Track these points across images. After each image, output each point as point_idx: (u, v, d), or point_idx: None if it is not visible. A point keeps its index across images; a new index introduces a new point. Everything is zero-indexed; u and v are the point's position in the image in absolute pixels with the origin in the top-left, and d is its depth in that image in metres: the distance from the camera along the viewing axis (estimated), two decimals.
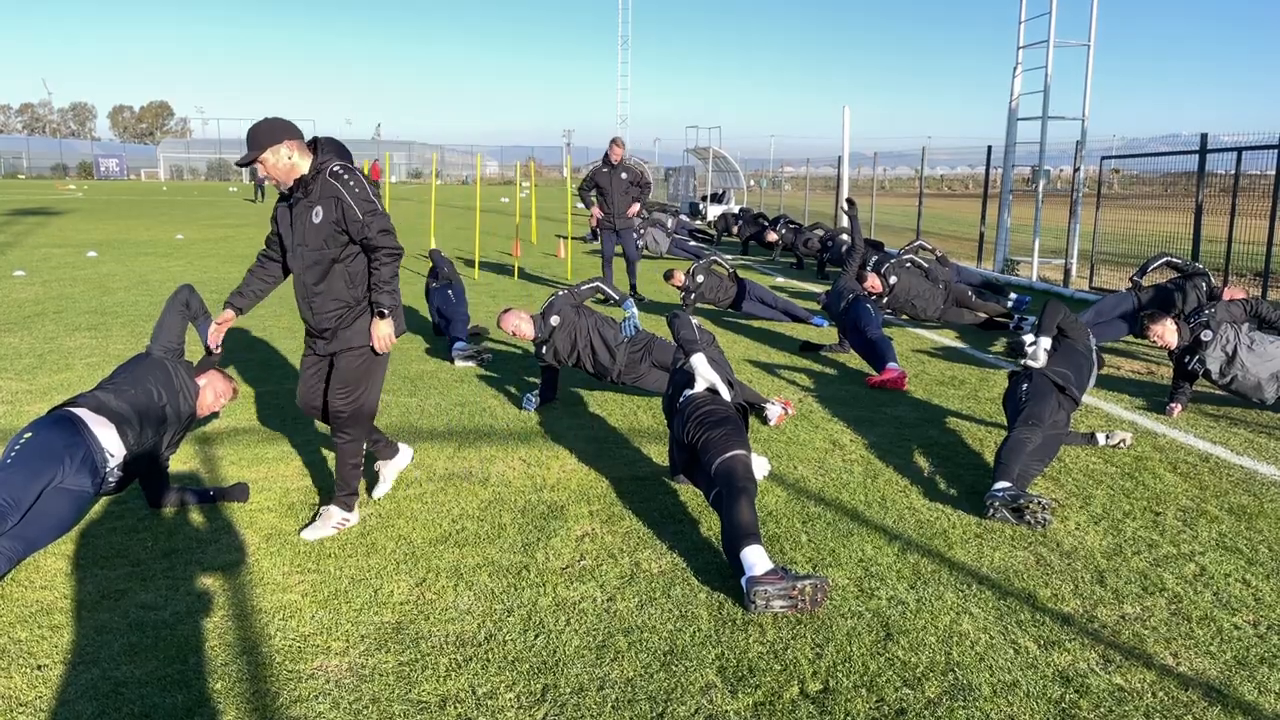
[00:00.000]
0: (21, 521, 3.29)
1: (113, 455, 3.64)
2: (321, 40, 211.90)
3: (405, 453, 4.49)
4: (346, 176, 3.68)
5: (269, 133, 3.66)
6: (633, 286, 11.27)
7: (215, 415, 5.22)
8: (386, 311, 3.78)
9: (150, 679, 2.88)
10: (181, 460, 4.88)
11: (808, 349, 8.17)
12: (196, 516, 4.16)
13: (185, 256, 15.44)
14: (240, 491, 4.37)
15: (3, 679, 2.88)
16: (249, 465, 4.89)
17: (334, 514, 4.04)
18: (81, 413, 3.69)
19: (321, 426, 5.61)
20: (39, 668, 2.95)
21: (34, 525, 3.31)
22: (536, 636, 3.17)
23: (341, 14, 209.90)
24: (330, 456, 5.03)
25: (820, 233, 15.16)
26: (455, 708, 2.75)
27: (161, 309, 4.34)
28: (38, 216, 24.40)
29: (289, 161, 3.68)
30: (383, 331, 3.82)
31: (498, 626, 3.23)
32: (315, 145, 3.79)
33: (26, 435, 3.51)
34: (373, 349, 3.86)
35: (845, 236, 13.80)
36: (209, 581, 3.56)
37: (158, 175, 70.21)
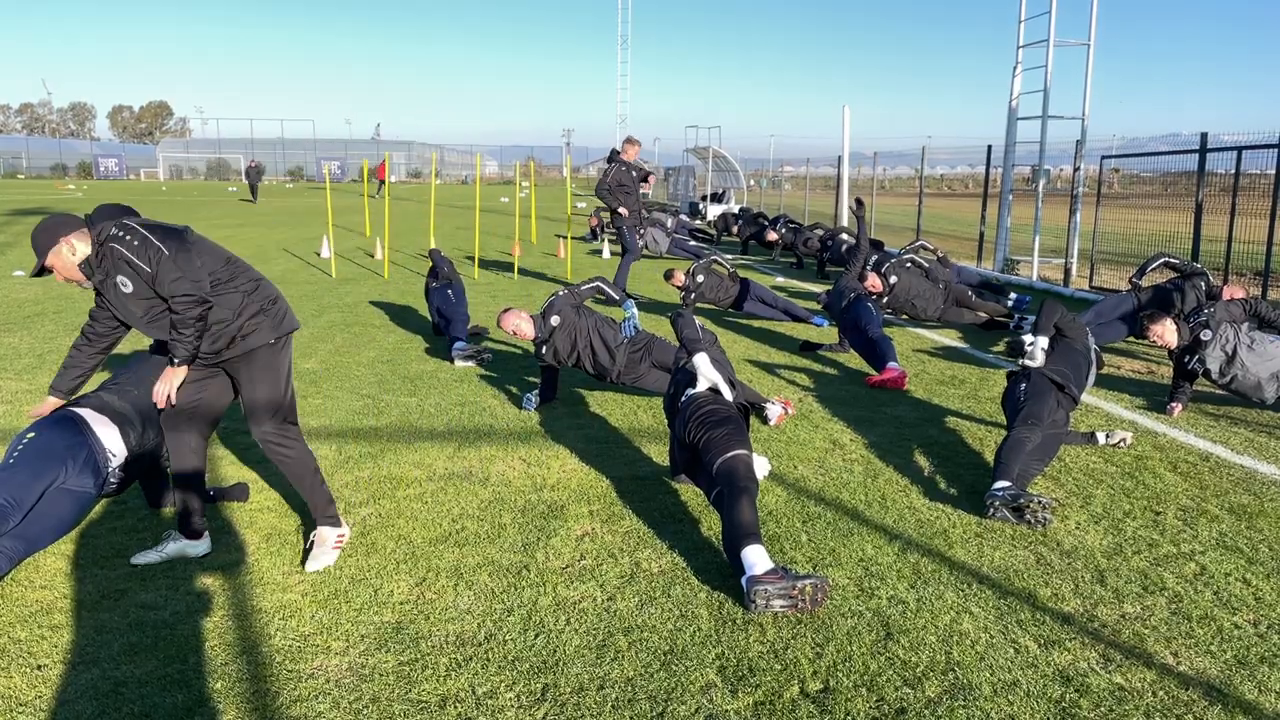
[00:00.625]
0: (23, 521, 3.29)
1: (114, 456, 3.64)
2: (321, 40, 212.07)
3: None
4: (124, 235, 3.39)
5: (47, 235, 3.43)
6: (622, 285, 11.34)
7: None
8: (177, 361, 3.47)
9: (150, 679, 2.88)
10: None
11: (808, 349, 8.17)
12: None
13: None
14: (240, 491, 4.37)
15: (2, 679, 2.88)
16: (249, 465, 4.88)
17: (327, 535, 3.80)
18: (84, 413, 3.70)
19: (319, 421, 5.62)
20: (39, 668, 2.95)
21: (35, 525, 3.31)
22: (537, 636, 3.17)
23: (341, 14, 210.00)
24: (327, 455, 5.03)
25: (820, 232, 15.15)
26: (455, 707, 2.75)
27: None
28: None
29: (73, 257, 3.44)
30: (165, 379, 3.49)
31: (498, 626, 3.23)
32: (90, 221, 3.51)
33: (29, 435, 3.51)
34: (257, 353, 3.60)
35: (845, 236, 13.79)
36: (209, 581, 3.56)
37: (157, 175, 70.18)
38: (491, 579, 3.60)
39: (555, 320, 6.05)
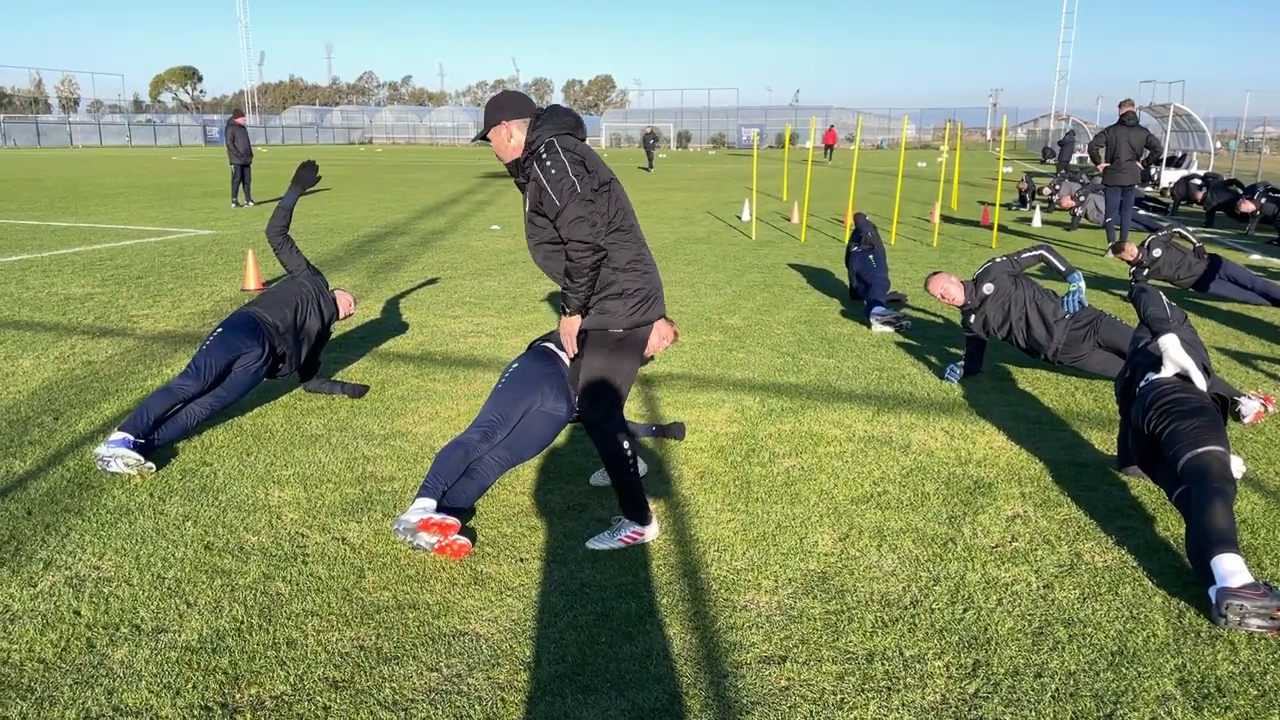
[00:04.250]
0: (510, 435, 3.87)
1: None
2: (745, 10, 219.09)
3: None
4: (547, 158, 3.26)
5: (494, 110, 3.38)
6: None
7: (650, 359, 5.69)
8: (568, 311, 3.38)
9: (609, 584, 3.26)
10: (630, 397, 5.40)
11: None
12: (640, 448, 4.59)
13: None
14: (677, 430, 4.75)
15: (494, 565, 3.43)
16: (683, 408, 5.28)
17: (623, 526, 3.59)
18: (556, 347, 4.23)
19: (744, 373, 5.90)
20: (521, 560, 3.47)
21: (519, 439, 3.87)
22: (965, 610, 3.07)
23: None
24: (751, 405, 5.27)
25: None
26: (883, 664, 2.77)
27: None
28: (506, 180, 28.24)
29: (508, 142, 3.39)
30: (565, 329, 3.45)
31: (923, 594, 3.19)
32: (536, 119, 3.39)
33: (514, 365, 4.10)
34: (600, 335, 3.44)
35: None
36: (653, 507, 3.91)
37: (600, 143, 77.54)
38: (916, 546, 3.56)
39: (988, 288, 5.74)
